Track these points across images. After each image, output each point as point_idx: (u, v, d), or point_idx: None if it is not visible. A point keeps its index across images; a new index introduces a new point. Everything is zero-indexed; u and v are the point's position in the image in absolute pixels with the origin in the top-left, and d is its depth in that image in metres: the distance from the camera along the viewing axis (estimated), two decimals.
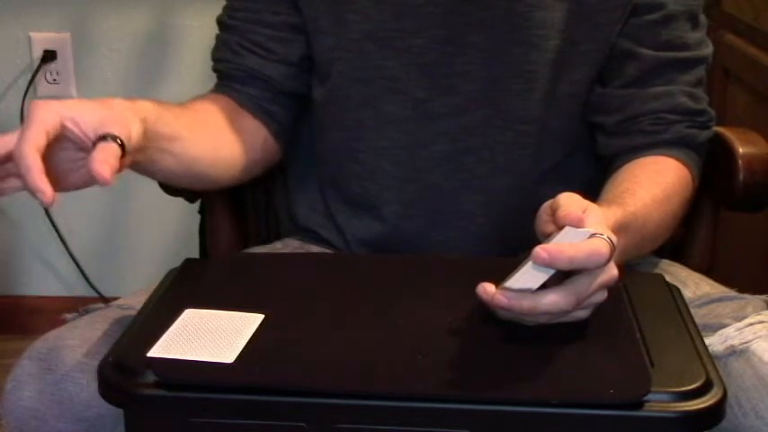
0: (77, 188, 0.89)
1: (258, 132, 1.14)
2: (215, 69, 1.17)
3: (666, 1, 1.08)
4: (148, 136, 0.92)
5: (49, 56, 2.05)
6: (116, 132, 0.85)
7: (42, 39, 2.05)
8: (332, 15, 1.10)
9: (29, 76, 2.06)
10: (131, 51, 2.06)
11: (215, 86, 1.16)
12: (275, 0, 1.12)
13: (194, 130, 1.03)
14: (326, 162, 1.17)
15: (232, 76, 1.14)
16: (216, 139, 1.08)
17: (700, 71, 1.11)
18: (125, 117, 0.88)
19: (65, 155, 0.87)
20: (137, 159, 0.92)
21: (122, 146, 0.85)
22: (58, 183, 0.84)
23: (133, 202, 2.11)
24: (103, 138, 0.84)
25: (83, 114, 0.85)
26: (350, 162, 1.13)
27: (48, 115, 0.83)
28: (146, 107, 0.94)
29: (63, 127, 0.84)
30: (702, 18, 1.12)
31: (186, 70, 2.06)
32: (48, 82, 2.07)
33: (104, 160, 0.82)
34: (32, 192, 0.80)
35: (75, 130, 0.85)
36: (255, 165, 1.14)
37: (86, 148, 0.85)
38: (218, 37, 1.16)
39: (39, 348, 0.91)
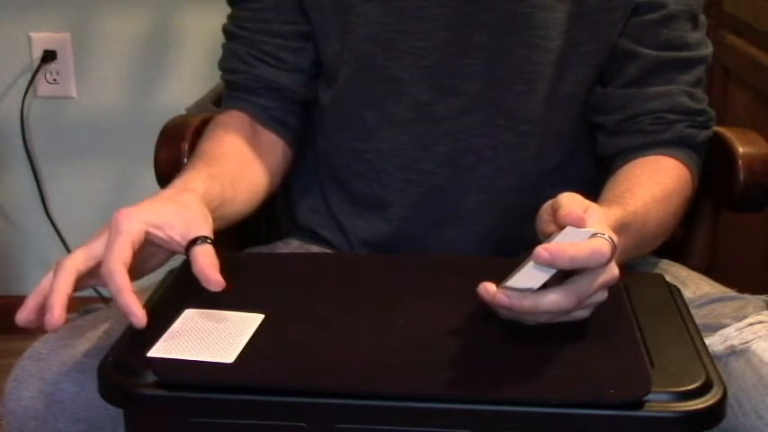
0: (149, 273, 0.92)
1: (277, 146, 1.14)
2: (225, 80, 1.16)
3: (667, 1, 1.08)
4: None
5: (49, 56, 2.05)
6: (205, 233, 0.88)
7: (42, 39, 2.05)
8: (338, 19, 1.10)
9: (29, 76, 2.06)
10: (131, 51, 2.06)
11: (227, 99, 1.16)
12: (284, 9, 1.12)
13: (234, 185, 1.04)
14: (332, 163, 1.17)
15: (245, 87, 1.14)
16: (249, 182, 1.09)
17: (699, 71, 1.11)
18: (204, 213, 0.91)
19: (141, 251, 0.87)
20: None
21: (213, 243, 0.87)
22: (134, 274, 0.86)
23: (132, 202, 2.11)
24: (194, 242, 0.87)
25: (168, 220, 0.88)
26: (357, 163, 1.13)
27: (134, 226, 0.86)
28: (203, 189, 0.96)
29: (147, 233, 0.87)
30: (702, 18, 1.12)
31: (186, 70, 2.06)
32: (48, 82, 2.07)
33: (212, 264, 0.85)
34: (123, 312, 0.82)
35: (162, 235, 0.88)
36: (277, 180, 1.15)
37: (172, 249, 0.89)
38: (225, 47, 1.16)
39: (39, 348, 0.91)
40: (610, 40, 1.08)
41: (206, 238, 0.87)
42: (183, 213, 0.90)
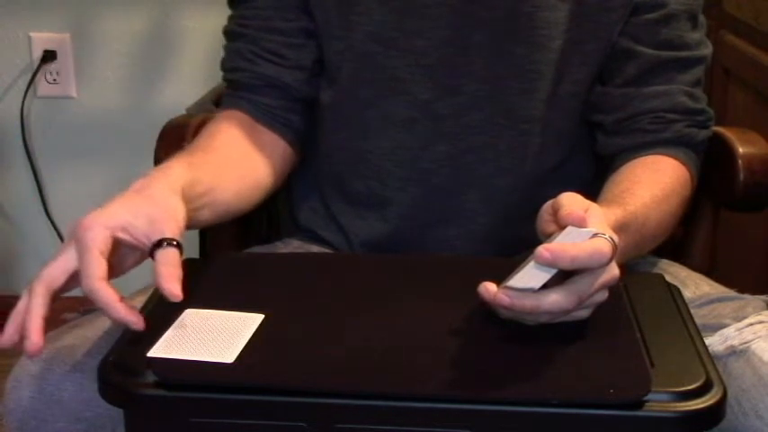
0: (129, 270, 0.89)
1: (277, 145, 1.13)
2: (227, 80, 1.16)
3: (667, 0, 1.08)
4: (186, 201, 0.91)
5: (49, 56, 2.05)
6: (169, 234, 0.84)
7: (42, 39, 2.05)
8: (341, 17, 1.10)
9: (29, 76, 2.06)
10: (131, 51, 2.06)
11: (227, 98, 1.15)
12: (286, 6, 1.11)
13: (222, 174, 1.03)
14: (331, 162, 1.17)
15: (247, 86, 1.13)
16: (241, 174, 1.07)
17: (699, 71, 1.11)
18: (170, 208, 0.88)
19: (116, 251, 0.86)
20: None
21: (178, 245, 0.84)
22: (114, 272, 0.84)
23: None
24: (159, 244, 0.84)
25: (130, 220, 0.85)
26: (356, 162, 1.13)
27: (98, 236, 0.83)
28: (179, 175, 0.93)
29: (115, 238, 0.84)
30: (702, 18, 1.12)
31: (186, 71, 2.06)
32: (48, 82, 2.07)
33: (171, 275, 0.81)
34: (119, 324, 0.81)
35: (128, 238, 0.85)
36: (279, 178, 1.13)
37: (141, 250, 0.86)
38: (226, 47, 1.15)
39: None
40: (610, 39, 1.09)
41: (170, 240, 0.84)
42: (145, 211, 0.86)
